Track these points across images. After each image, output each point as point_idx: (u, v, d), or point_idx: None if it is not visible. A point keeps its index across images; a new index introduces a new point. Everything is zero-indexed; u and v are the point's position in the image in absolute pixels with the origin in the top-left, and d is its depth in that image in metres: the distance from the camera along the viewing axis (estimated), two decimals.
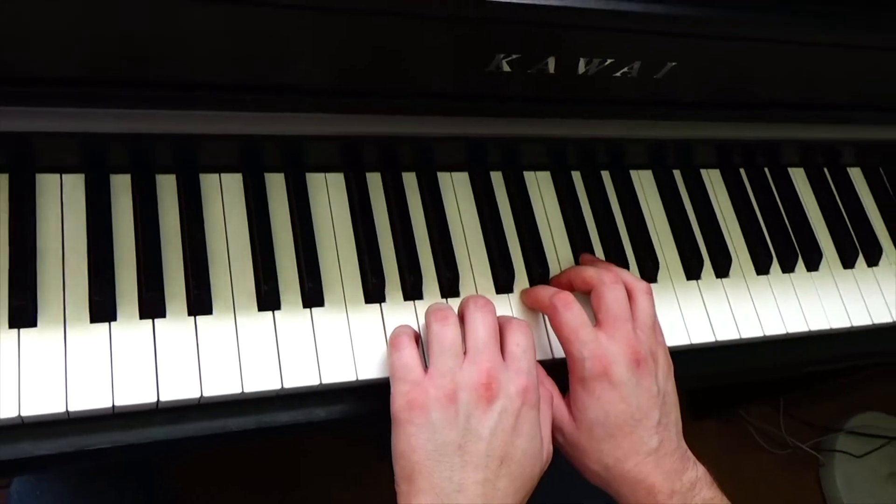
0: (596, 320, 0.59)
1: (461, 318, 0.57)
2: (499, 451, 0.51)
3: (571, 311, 0.58)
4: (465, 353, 0.54)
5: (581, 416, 0.57)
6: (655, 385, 0.57)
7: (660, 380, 0.58)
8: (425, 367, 0.54)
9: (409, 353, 0.54)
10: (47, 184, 0.57)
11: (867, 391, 1.70)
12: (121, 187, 0.59)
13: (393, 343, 0.56)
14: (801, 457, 1.66)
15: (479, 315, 0.56)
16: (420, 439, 0.51)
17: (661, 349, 0.60)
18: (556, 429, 0.59)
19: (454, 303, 0.63)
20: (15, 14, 0.44)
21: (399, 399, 0.52)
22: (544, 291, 0.61)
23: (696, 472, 0.58)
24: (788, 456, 1.65)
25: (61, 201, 0.57)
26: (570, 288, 0.62)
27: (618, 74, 0.59)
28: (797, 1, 0.58)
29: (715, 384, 1.40)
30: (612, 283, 0.59)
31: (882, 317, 0.77)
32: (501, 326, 0.57)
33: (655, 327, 0.61)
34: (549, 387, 0.60)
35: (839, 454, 1.65)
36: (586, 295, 0.62)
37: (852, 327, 0.75)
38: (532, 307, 0.64)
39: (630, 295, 0.60)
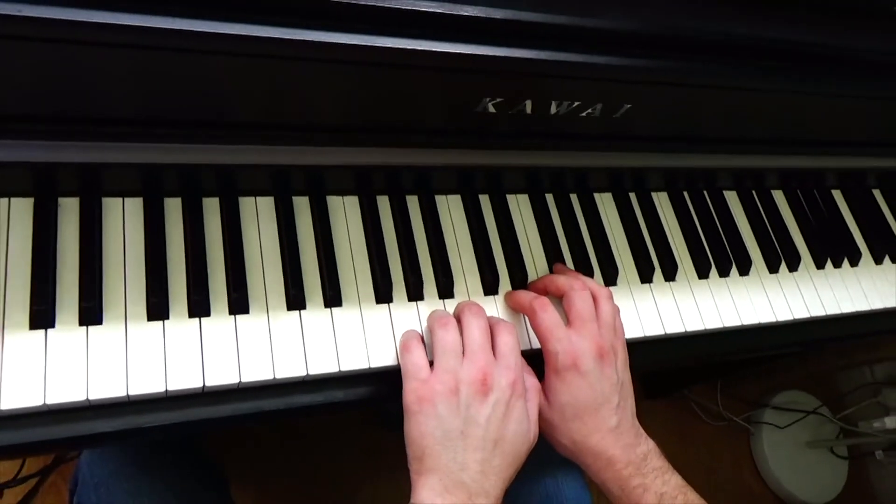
0: (567, 321, 0.59)
1: (457, 319, 0.57)
2: (493, 434, 0.52)
3: (547, 312, 0.58)
4: (462, 352, 0.54)
5: (554, 400, 0.57)
6: (615, 374, 0.58)
7: (619, 370, 0.58)
8: (430, 365, 0.54)
9: (419, 355, 0.54)
10: (111, 206, 0.57)
11: (789, 373, 1.70)
12: (173, 209, 0.58)
13: (404, 346, 0.56)
14: (734, 428, 1.65)
15: (473, 320, 0.56)
16: (429, 427, 0.51)
17: (620, 344, 0.60)
18: None
19: (450, 303, 0.62)
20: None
21: (410, 394, 0.52)
22: (525, 296, 0.61)
23: (648, 445, 0.58)
24: (724, 428, 1.64)
25: (123, 221, 0.56)
26: (545, 292, 0.62)
27: (583, 114, 0.59)
28: (728, 54, 0.58)
29: (664, 369, 1.40)
30: (581, 289, 0.59)
31: (801, 312, 0.77)
32: (492, 327, 0.57)
33: (616, 326, 0.61)
34: (531, 376, 0.59)
35: (766, 426, 1.64)
36: (558, 299, 0.62)
37: (776, 321, 0.75)
38: (514, 308, 0.63)
39: (594, 299, 0.60)
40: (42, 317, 0.50)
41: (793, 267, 0.79)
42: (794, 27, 0.60)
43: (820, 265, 0.81)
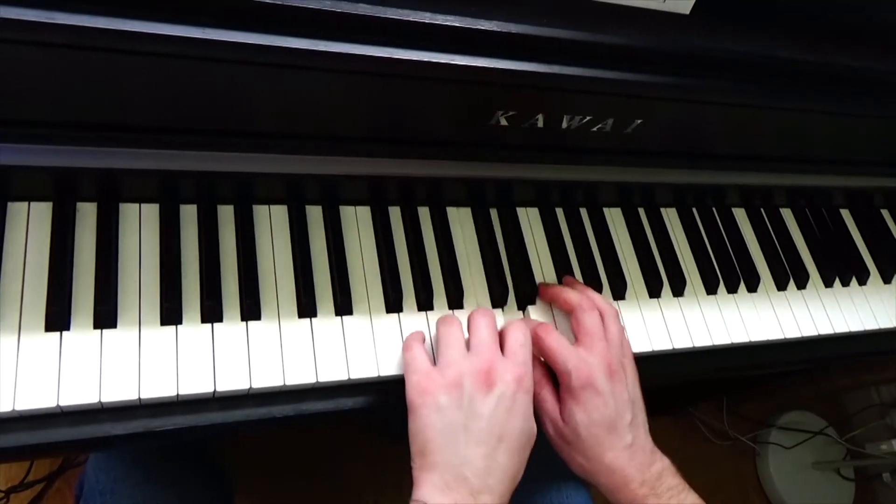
0: (575, 339, 0.59)
1: (467, 328, 0.57)
2: (497, 429, 0.51)
3: (552, 335, 0.58)
4: (468, 348, 0.54)
5: (569, 418, 0.57)
6: (626, 391, 0.58)
7: (630, 387, 0.58)
8: (434, 364, 0.54)
9: (419, 350, 0.55)
10: (128, 212, 0.57)
11: (795, 393, 1.68)
12: (188, 215, 0.59)
13: (405, 346, 0.56)
14: (740, 447, 1.64)
15: (481, 319, 0.56)
16: (431, 419, 0.50)
17: (628, 361, 0.60)
18: (548, 428, 0.58)
19: (459, 314, 0.63)
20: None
21: (412, 387, 0.52)
22: (527, 324, 0.60)
23: (663, 463, 0.58)
24: (730, 447, 1.63)
25: (140, 226, 0.57)
26: (552, 301, 0.62)
27: (594, 129, 0.60)
28: (741, 71, 0.59)
29: (671, 384, 1.39)
30: (589, 308, 0.60)
31: (809, 330, 0.76)
32: (503, 330, 0.57)
33: (623, 343, 0.61)
34: (543, 378, 0.59)
35: (772, 446, 1.63)
36: (562, 312, 0.62)
37: (784, 338, 0.75)
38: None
39: (602, 317, 0.60)
40: (57, 319, 0.51)
41: (801, 284, 0.80)
42: (804, 46, 0.61)
43: (828, 283, 0.81)
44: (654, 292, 0.72)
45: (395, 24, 0.45)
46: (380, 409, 0.59)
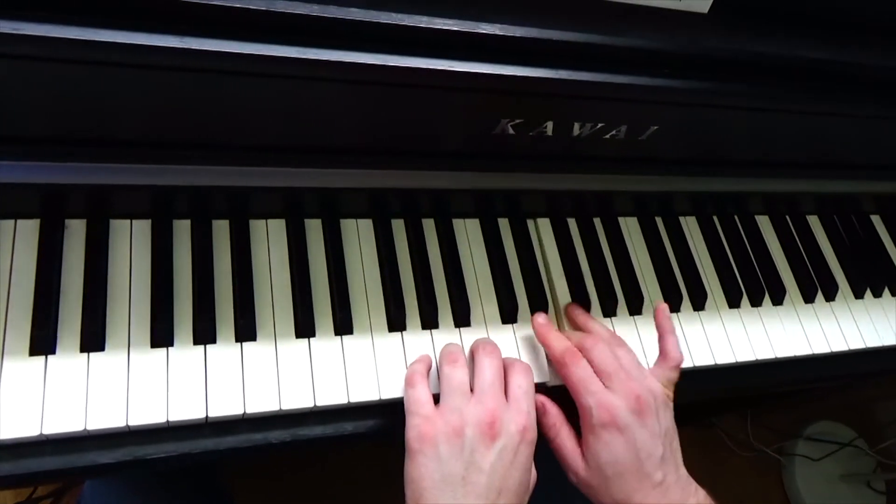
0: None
1: (471, 357, 0.54)
2: (497, 483, 0.48)
3: (579, 366, 0.54)
4: (472, 390, 0.51)
5: (593, 460, 0.53)
6: (657, 423, 0.53)
7: (660, 416, 0.54)
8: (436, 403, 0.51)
9: (422, 390, 0.51)
10: (119, 228, 0.55)
11: (822, 402, 1.63)
12: (182, 231, 0.57)
13: (408, 380, 0.53)
14: (765, 459, 1.59)
15: (486, 359, 0.53)
16: (429, 468, 0.47)
17: (654, 383, 0.56)
18: (570, 470, 0.54)
19: (466, 332, 0.60)
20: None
21: (412, 430, 0.49)
22: (557, 345, 0.56)
23: (698, 497, 0.54)
24: (754, 458, 1.58)
25: (131, 243, 0.55)
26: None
27: (607, 136, 0.56)
28: (761, 74, 0.55)
29: (691, 402, 1.34)
30: (594, 344, 0.56)
31: (838, 345, 0.72)
32: (506, 367, 0.54)
33: (640, 366, 0.56)
34: (559, 421, 0.56)
35: (799, 458, 1.58)
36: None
37: (812, 354, 0.71)
38: (542, 345, 0.59)
39: (611, 349, 0.56)
40: (42, 342, 0.48)
41: (830, 296, 0.75)
42: (830, 45, 0.57)
43: (859, 294, 0.77)
44: (673, 307, 0.68)
45: (388, 29, 0.42)
46: (382, 433, 0.56)
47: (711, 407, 1.48)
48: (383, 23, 0.42)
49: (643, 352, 0.63)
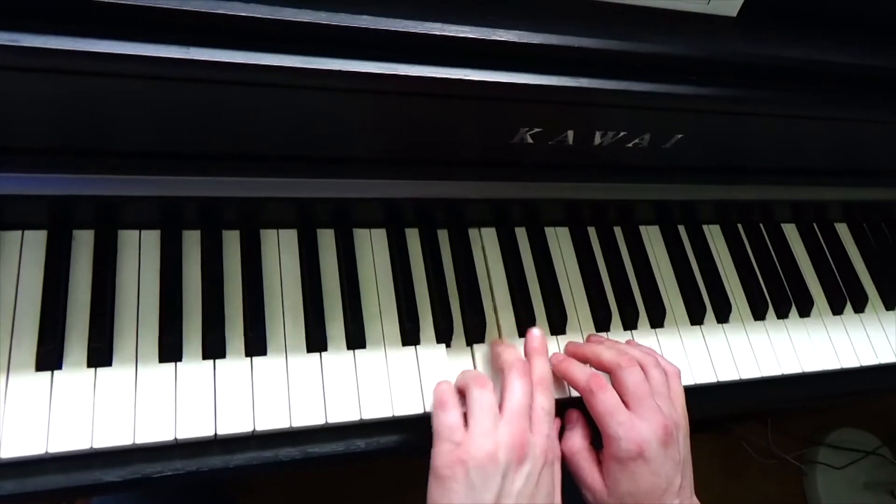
0: (622, 401, 0.53)
1: (500, 371, 0.52)
2: None
3: (606, 394, 0.52)
4: (500, 410, 0.49)
5: (614, 488, 0.51)
6: (678, 452, 0.51)
7: (681, 446, 0.52)
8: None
9: (455, 415, 0.49)
10: (127, 239, 0.54)
11: (844, 409, 1.59)
12: (191, 241, 0.55)
13: (439, 403, 0.50)
14: (786, 467, 1.55)
15: (518, 381, 0.51)
16: (459, 495, 0.45)
17: (679, 414, 0.54)
18: (588, 492, 0.53)
19: (479, 347, 0.58)
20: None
21: (443, 456, 0.47)
22: (579, 372, 0.55)
23: None
24: (775, 466, 1.54)
25: (139, 254, 0.54)
26: (586, 363, 0.56)
27: (630, 145, 0.54)
28: (789, 79, 0.53)
29: (713, 417, 1.32)
30: (629, 365, 0.53)
31: (868, 359, 0.69)
32: None
33: (671, 396, 0.54)
34: (578, 443, 0.54)
35: (820, 465, 1.54)
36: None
37: (841, 368, 0.68)
38: (563, 379, 0.57)
39: (643, 370, 0.54)
40: (49, 358, 0.47)
41: (859, 307, 0.72)
42: (862, 50, 0.54)
43: (889, 306, 0.74)
44: (697, 319, 0.65)
45: (400, 36, 0.40)
46: (395, 451, 0.54)
47: (732, 413, 1.45)
48: (394, 30, 0.40)
49: None
